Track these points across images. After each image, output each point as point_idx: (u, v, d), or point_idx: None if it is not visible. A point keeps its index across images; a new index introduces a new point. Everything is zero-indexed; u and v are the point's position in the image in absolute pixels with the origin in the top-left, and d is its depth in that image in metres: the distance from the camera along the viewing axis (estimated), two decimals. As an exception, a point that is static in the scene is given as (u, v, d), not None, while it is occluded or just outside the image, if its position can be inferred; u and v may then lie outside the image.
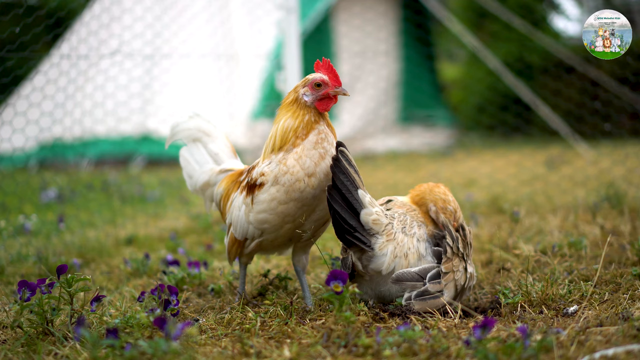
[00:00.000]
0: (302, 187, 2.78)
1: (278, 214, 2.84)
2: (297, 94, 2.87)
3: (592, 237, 4.15)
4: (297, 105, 2.85)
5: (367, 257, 2.83)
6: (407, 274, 2.81)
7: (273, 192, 2.82)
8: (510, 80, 10.41)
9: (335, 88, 2.86)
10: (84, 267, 4.27)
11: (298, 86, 2.90)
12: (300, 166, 2.78)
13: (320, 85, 2.85)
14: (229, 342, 2.54)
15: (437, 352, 2.31)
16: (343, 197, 2.75)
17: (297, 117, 2.83)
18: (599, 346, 2.29)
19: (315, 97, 2.85)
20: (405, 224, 2.89)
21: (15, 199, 5.99)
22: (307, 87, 2.86)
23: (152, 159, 10.69)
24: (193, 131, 3.39)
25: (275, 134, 2.87)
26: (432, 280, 2.80)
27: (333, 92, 2.86)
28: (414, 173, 8.84)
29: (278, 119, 2.90)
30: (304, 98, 2.85)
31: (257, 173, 2.90)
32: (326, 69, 2.88)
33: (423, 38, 13.35)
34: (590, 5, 16.01)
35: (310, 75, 2.89)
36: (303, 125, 2.82)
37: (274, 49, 9.85)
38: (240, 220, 2.97)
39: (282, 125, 2.85)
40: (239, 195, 3.02)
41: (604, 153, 7.75)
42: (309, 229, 2.90)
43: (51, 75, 6.43)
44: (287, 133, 2.83)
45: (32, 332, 2.71)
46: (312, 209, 2.84)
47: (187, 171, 3.43)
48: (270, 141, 2.89)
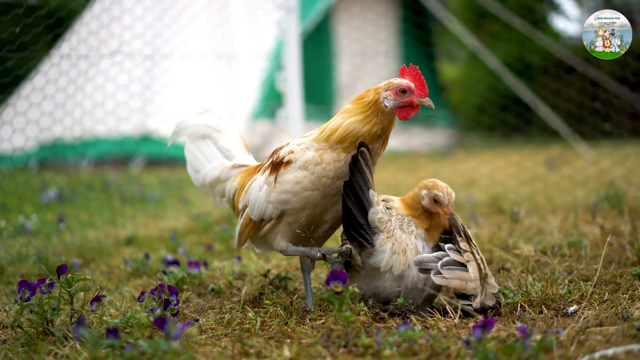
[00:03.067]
0: (328, 183, 2.76)
1: (301, 199, 2.79)
2: (379, 96, 2.73)
3: (592, 237, 4.15)
4: (373, 109, 2.73)
5: (367, 253, 2.85)
6: (427, 257, 2.81)
7: (300, 177, 2.77)
8: (510, 81, 10.41)
9: (420, 97, 2.76)
10: (84, 267, 4.27)
11: (380, 88, 2.75)
12: (335, 169, 2.75)
13: (405, 92, 2.73)
14: (229, 342, 2.54)
15: (437, 352, 2.31)
16: (356, 195, 2.77)
17: (367, 123, 2.73)
18: (598, 346, 2.29)
19: (397, 104, 2.74)
20: (403, 221, 2.91)
21: (15, 199, 5.99)
22: (391, 92, 2.73)
23: (152, 159, 10.69)
24: (202, 127, 3.30)
25: (337, 127, 2.74)
26: (451, 250, 2.80)
27: (418, 102, 2.76)
28: (414, 173, 8.84)
29: (347, 113, 2.76)
30: (385, 102, 2.73)
31: (285, 151, 2.83)
32: (413, 76, 2.77)
33: (423, 38, 13.35)
34: (590, 5, 16.02)
35: (395, 80, 2.76)
36: (368, 136, 2.73)
37: (274, 49, 9.85)
38: (260, 200, 2.90)
39: (348, 124, 2.73)
40: (260, 176, 2.95)
41: (604, 153, 7.74)
42: (330, 219, 2.88)
43: (51, 75, 6.43)
44: (348, 136, 2.73)
45: (32, 332, 2.71)
46: (335, 201, 2.83)
47: (193, 165, 3.32)
48: (327, 130, 2.77)
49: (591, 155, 8.15)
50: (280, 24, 5.90)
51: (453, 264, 2.78)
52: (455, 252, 2.81)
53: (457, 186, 7.01)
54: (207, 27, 10.71)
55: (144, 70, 9.31)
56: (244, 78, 10.67)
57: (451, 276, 2.76)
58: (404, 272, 2.83)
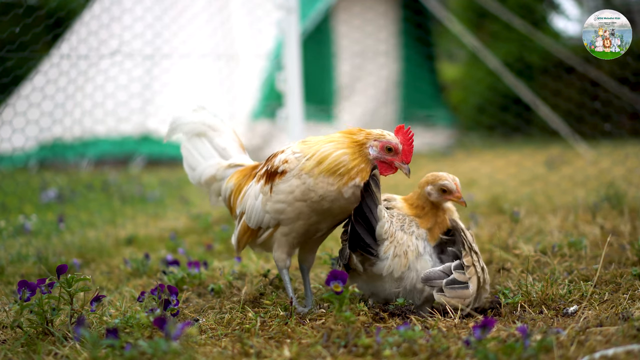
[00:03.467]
0: (315, 199, 2.75)
1: (294, 209, 2.79)
2: (367, 141, 2.75)
3: (592, 237, 4.15)
4: (359, 150, 2.74)
5: (370, 262, 2.86)
6: (434, 273, 2.83)
7: (293, 186, 2.77)
8: (510, 81, 10.41)
9: (402, 162, 2.79)
10: (84, 267, 4.27)
11: (371, 135, 2.77)
12: (324, 191, 2.73)
13: (390, 150, 2.76)
14: (229, 342, 2.54)
15: (437, 352, 2.31)
16: (364, 218, 2.77)
17: (354, 159, 2.72)
18: (599, 346, 2.29)
19: (379, 157, 2.76)
20: (404, 222, 2.91)
21: (15, 199, 5.99)
22: (379, 144, 2.75)
23: (152, 159, 10.69)
24: (197, 125, 3.30)
25: (327, 156, 2.73)
26: (457, 270, 2.81)
27: (397, 165, 2.79)
28: (414, 173, 8.75)
29: (335, 143, 2.75)
30: (370, 150, 2.76)
31: (280, 160, 2.83)
32: (405, 139, 2.79)
33: (423, 38, 13.35)
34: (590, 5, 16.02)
35: (388, 135, 2.78)
36: (355, 172, 2.72)
37: (274, 49, 9.85)
38: (256, 208, 2.91)
39: (338, 155, 2.73)
40: (255, 184, 2.95)
41: (604, 153, 7.74)
42: (325, 227, 2.89)
43: (51, 75, 6.42)
44: (338, 167, 2.72)
45: (32, 332, 2.71)
46: (325, 217, 2.83)
47: (188, 162, 3.33)
48: (316, 157, 2.74)
49: (591, 155, 8.15)
50: (280, 24, 5.90)
51: (456, 283, 2.80)
52: (459, 272, 2.81)
53: (457, 186, 7.01)
54: (207, 27, 10.70)
55: (144, 70, 9.31)
56: (244, 78, 10.67)
57: (452, 295, 2.78)
58: (404, 273, 2.84)
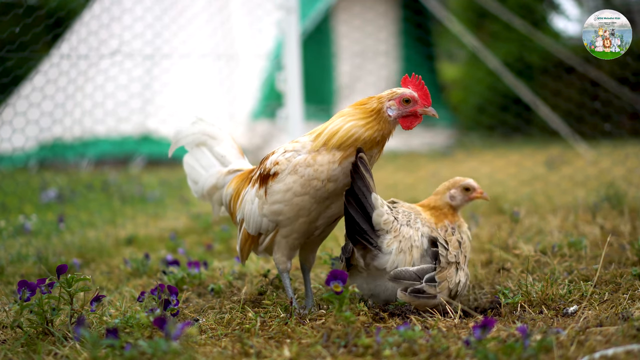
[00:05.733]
0: (319, 186, 2.74)
1: (293, 206, 2.77)
2: (382, 105, 2.73)
3: (592, 237, 4.15)
4: (376, 117, 2.71)
5: (372, 256, 2.84)
6: (406, 273, 2.81)
7: (289, 182, 2.75)
8: (510, 81, 10.41)
9: (424, 107, 2.76)
10: (84, 267, 4.27)
11: (383, 97, 2.74)
12: (328, 170, 2.72)
13: (409, 102, 2.73)
14: (229, 342, 2.54)
15: (437, 352, 2.31)
16: (358, 202, 2.75)
17: (368, 129, 2.71)
18: (598, 346, 2.29)
19: (400, 113, 2.74)
20: (410, 218, 2.92)
21: (15, 199, 5.99)
22: (394, 101, 2.73)
23: (152, 159, 10.69)
24: (197, 135, 3.33)
25: (337, 130, 2.71)
26: (428, 282, 2.81)
27: (421, 111, 2.76)
28: (413, 173, 8.84)
29: (348, 117, 2.73)
30: (389, 112, 2.73)
31: (271, 162, 2.83)
32: (415, 86, 2.77)
33: (423, 38, 13.36)
34: (590, 5, 16.03)
35: (398, 89, 2.76)
36: (368, 141, 2.72)
37: (274, 49, 9.86)
38: (254, 213, 2.90)
39: (349, 127, 2.70)
40: (250, 189, 2.95)
41: (604, 153, 7.75)
42: (322, 224, 2.88)
43: (51, 75, 6.43)
44: (349, 139, 2.70)
45: (32, 332, 2.71)
46: (326, 206, 2.81)
47: (192, 177, 3.37)
48: (325, 133, 2.74)
49: (591, 155, 8.15)
50: (280, 24, 5.90)
51: (422, 294, 2.79)
52: (430, 285, 2.80)
53: (457, 186, 7.01)
54: (207, 27, 10.71)
55: (144, 70, 9.31)
56: (244, 78, 10.68)
57: (414, 301, 2.79)
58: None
